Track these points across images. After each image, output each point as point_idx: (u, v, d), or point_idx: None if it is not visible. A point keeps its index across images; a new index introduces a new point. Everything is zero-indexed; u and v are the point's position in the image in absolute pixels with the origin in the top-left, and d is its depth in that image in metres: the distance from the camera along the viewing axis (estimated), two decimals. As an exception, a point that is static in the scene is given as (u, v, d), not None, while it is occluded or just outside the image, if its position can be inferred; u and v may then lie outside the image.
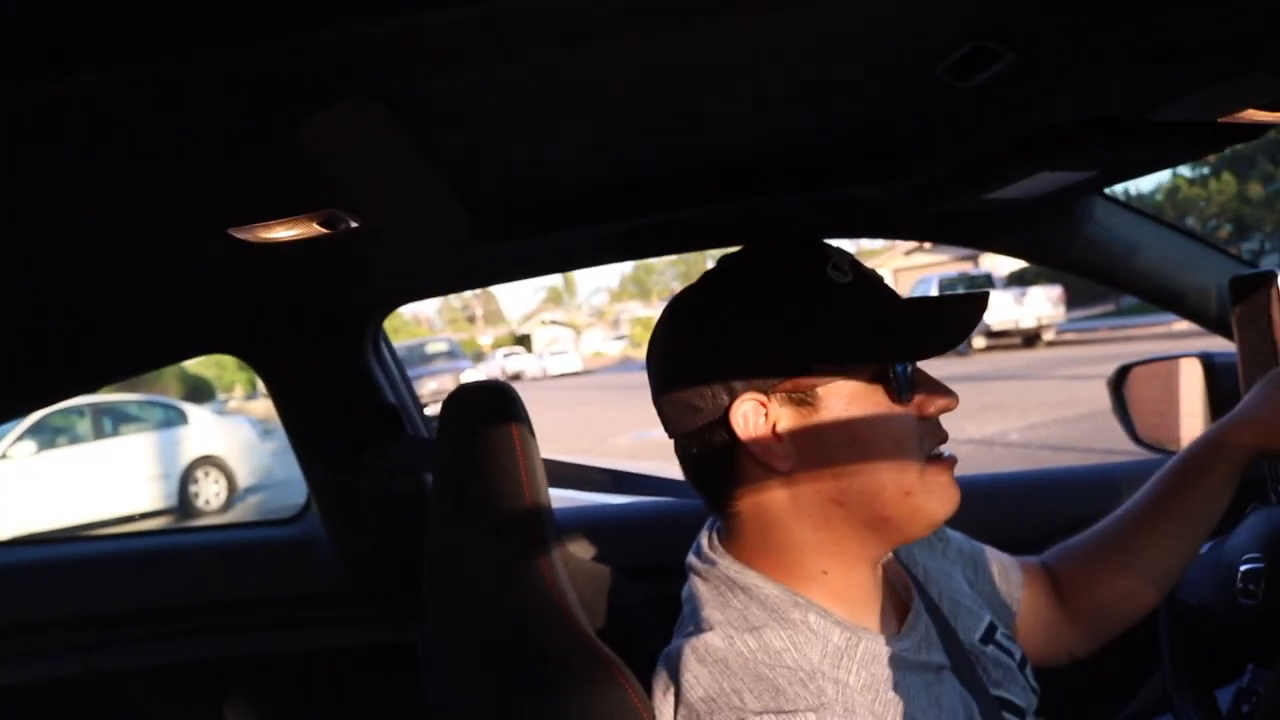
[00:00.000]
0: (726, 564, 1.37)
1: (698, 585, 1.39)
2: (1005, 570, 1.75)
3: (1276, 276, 1.81)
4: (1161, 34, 1.11)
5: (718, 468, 1.36)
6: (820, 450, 1.29)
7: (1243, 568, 1.67)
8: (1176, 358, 2.26)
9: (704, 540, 1.44)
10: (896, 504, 1.29)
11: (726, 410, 1.31)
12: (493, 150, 1.42)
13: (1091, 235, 2.10)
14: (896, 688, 1.29)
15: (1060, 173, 1.65)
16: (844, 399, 1.28)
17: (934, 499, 1.30)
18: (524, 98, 1.19)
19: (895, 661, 1.32)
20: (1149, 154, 1.60)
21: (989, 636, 1.55)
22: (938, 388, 1.31)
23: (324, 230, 1.41)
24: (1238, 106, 1.32)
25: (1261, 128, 1.48)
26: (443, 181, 1.44)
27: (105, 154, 1.06)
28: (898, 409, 1.28)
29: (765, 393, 1.30)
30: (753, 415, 1.31)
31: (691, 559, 1.44)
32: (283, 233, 1.40)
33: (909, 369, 1.29)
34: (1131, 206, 2.18)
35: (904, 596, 1.48)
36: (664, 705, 1.30)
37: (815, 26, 1.08)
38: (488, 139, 1.35)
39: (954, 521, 1.52)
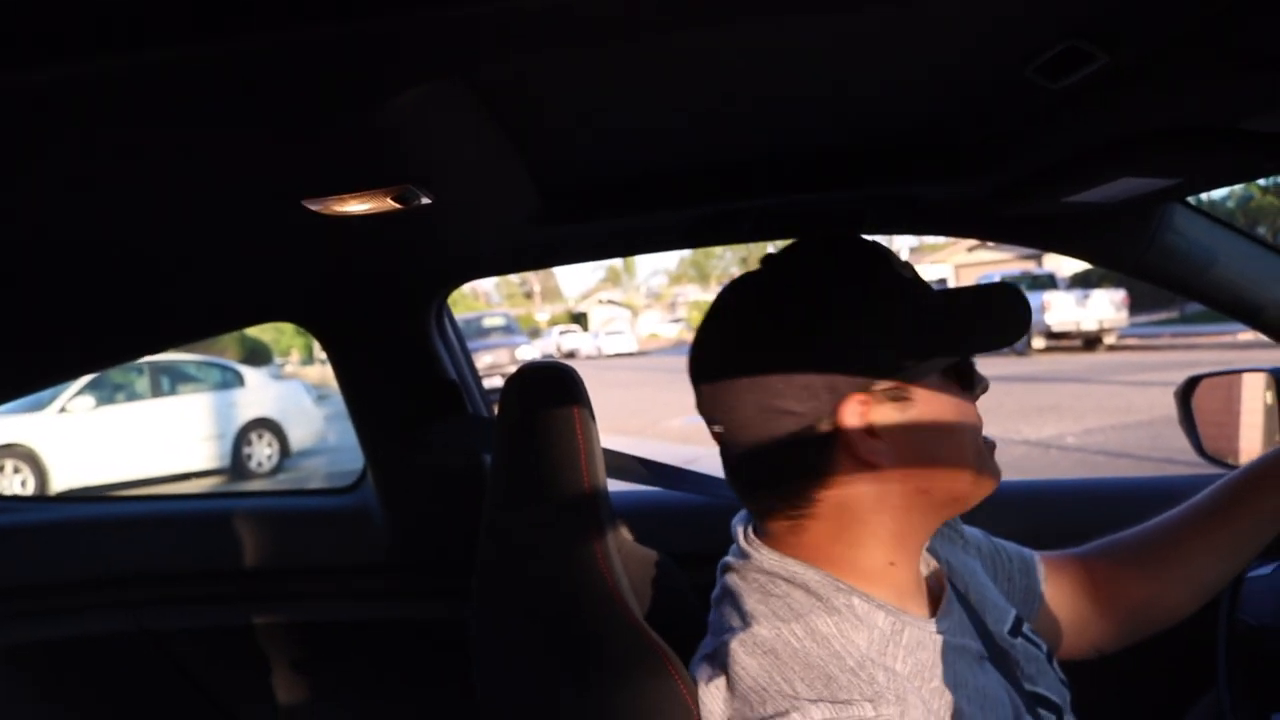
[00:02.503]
0: (764, 556, 1.37)
1: (734, 582, 1.39)
2: (1026, 565, 1.74)
3: None
4: (1259, 42, 1.08)
5: (803, 465, 1.34)
6: (914, 443, 1.31)
7: (1308, 591, 1.65)
8: (1249, 371, 2.21)
9: (740, 537, 1.44)
10: (969, 484, 1.36)
11: (831, 410, 1.30)
12: (570, 133, 1.41)
13: (1169, 243, 2.06)
14: (944, 675, 1.29)
15: (1143, 179, 1.61)
16: (932, 393, 1.32)
17: (990, 476, 1.38)
18: (605, 82, 1.19)
19: (939, 647, 1.31)
20: (1238, 164, 1.57)
21: (1016, 629, 1.53)
22: (979, 376, 1.40)
23: (397, 206, 1.41)
24: (1340, 116, 1.29)
25: (1355, 141, 1.44)
26: (519, 162, 1.44)
27: (191, 125, 1.06)
28: (969, 396, 1.37)
29: (866, 391, 1.30)
30: (857, 414, 1.30)
31: (728, 558, 1.45)
32: (356, 206, 1.40)
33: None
34: (1211, 215, 2.13)
35: (934, 585, 1.46)
36: (713, 699, 1.29)
37: (905, 16, 1.06)
38: (566, 122, 1.35)
39: (1007, 527, 1.52)
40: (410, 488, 2.63)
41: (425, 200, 1.42)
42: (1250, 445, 2.17)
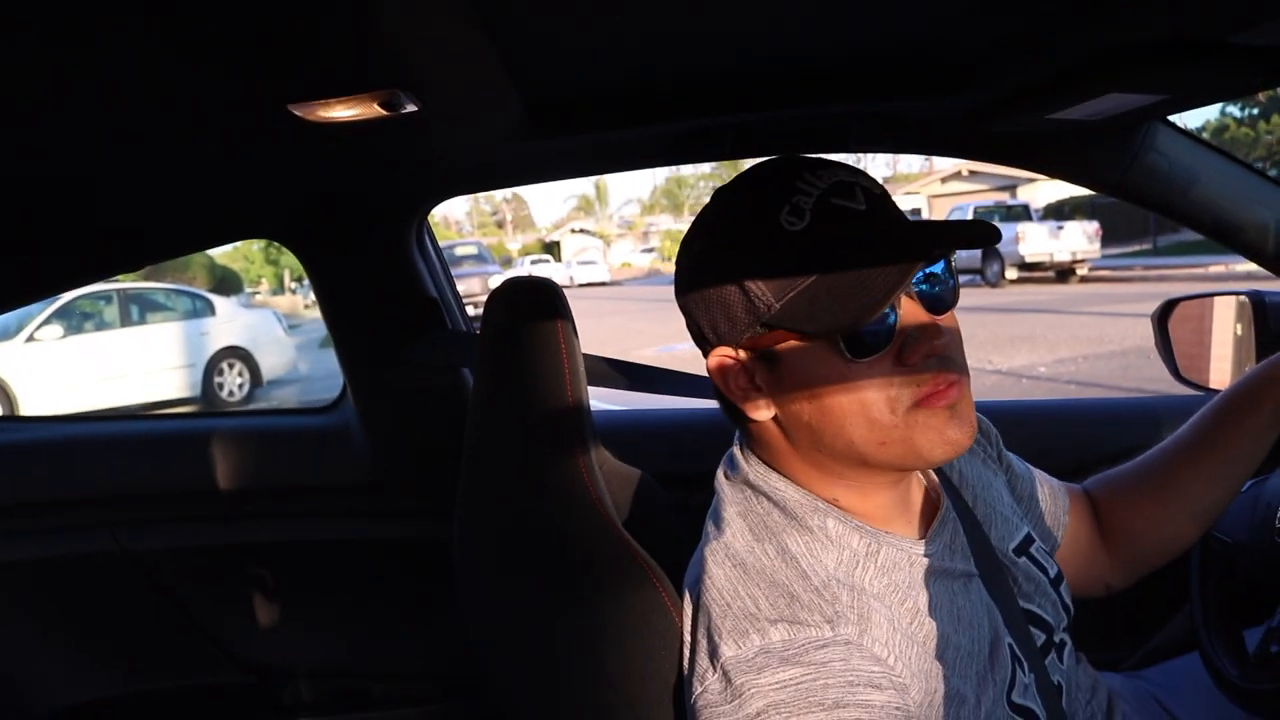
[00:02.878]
0: (752, 469, 1.37)
1: (724, 489, 1.40)
2: (1054, 495, 1.75)
3: None
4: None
5: (722, 394, 1.37)
6: (792, 405, 1.28)
7: (1283, 508, 1.66)
8: (1226, 295, 2.22)
9: (735, 447, 1.44)
10: (876, 453, 1.25)
11: (716, 351, 1.33)
12: (555, 43, 1.39)
13: (1151, 163, 2.05)
14: (917, 595, 1.30)
15: (1130, 95, 1.60)
16: (802, 357, 1.25)
17: (924, 438, 1.24)
18: None
19: (917, 568, 1.32)
20: (1227, 79, 1.56)
21: (1023, 548, 1.54)
22: (919, 332, 1.22)
23: (383, 112, 1.39)
24: (1328, 33, 1.28)
25: (1344, 59, 1.43)
26: (504, 72, 1.42)
27: (171, 24, 1.04)
28: (858, 365, 1.22)
29: (734, 346, 1.30)
30: (727, 367, 1.32)
31: (722, 465, 1.45)
32: (342, 112, 1.38)
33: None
34: (1192, 135, 2.13)
35: (934, 499, 1.46)
36: (687, 604, 1.33)
37: None
38: (552, 27, 1.33)
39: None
40: (390, 406, 2.62)
41: (411, 108, 1.40)
42: (1220, 369, 2.19)
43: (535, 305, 1.68)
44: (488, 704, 2.50)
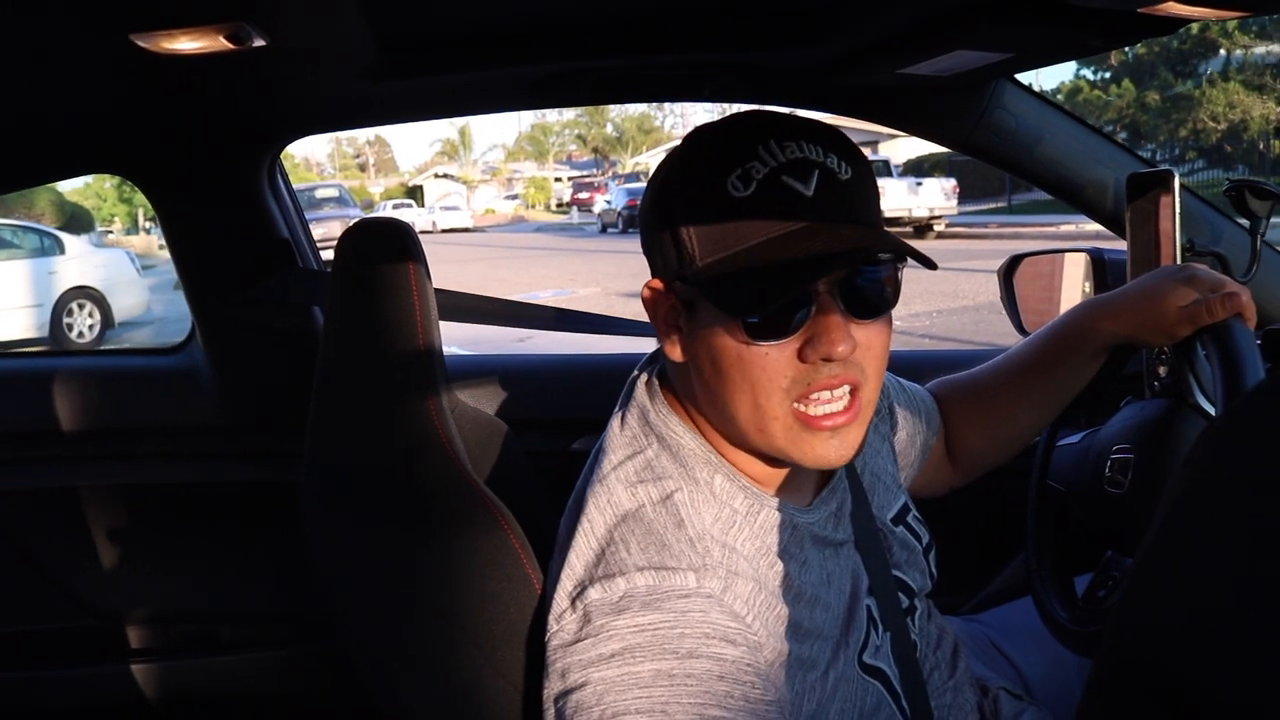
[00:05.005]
0: (655, 408, 1.37)
1: (615, 428, 1.39)
2: (930, 416, 1.83)
3: (1174, 176, 1.82)
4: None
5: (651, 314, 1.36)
6: (698, 358, 1.28)
7: (1112, 457, 1.72)
8: (1069, 251, 2.28)
9: (641, 379, 1.42)
10: (755, 437, 1.27)
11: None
12: None
13: (998, 120, 2.10)
14: (789, 559, 1.32)
15: (976, 52, 1.64)
16: (713, 318, 1.24)
17: (797, 450, 1.25)
18: None
19: (795, 532, 1.34)
20: (1066, 40, 1.60)
21: (900, 517, 1.59)
22: (828, 331, 1.19)
23: (230, 45, 1.35)
24: (1159, -2, 1.32)
25: (1178, 22, 1.48)
26: (356, 8, 1.39)
27: None
28: (760, 346, 1.21)
29: (664, 283, 1.30)
30: (656, 299, 1.32)
31: (623, 392, 1.43)
32: (187, 44, 1.34)
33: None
34: (1039, 95, 2.18)
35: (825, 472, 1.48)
36: (561, 551, 1.32)
37: None
38: None
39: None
40: (240, 346, 2.58)
41: (259, 42, 1.37)
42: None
43: (387, 246, 1.66)
44: (338, 646, 2.48)
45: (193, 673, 2.79)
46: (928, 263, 1.26)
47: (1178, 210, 1.79)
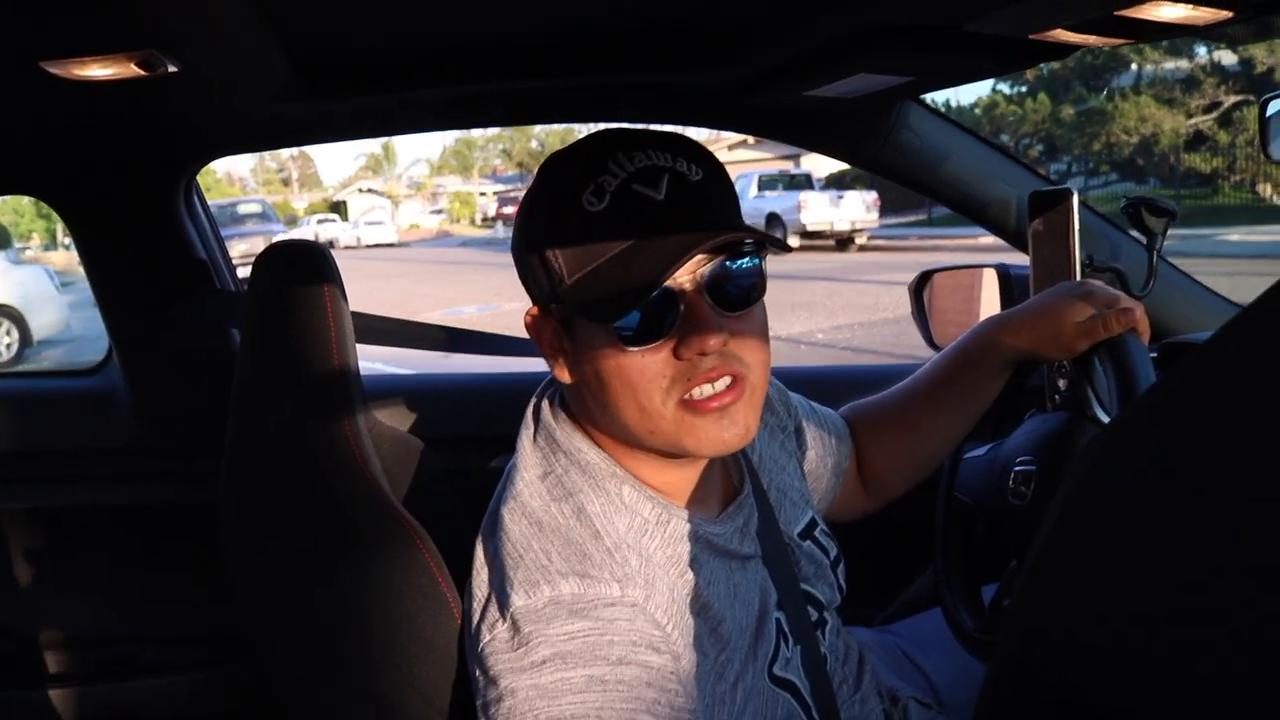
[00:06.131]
0: (559, 426, 1.39)
1: (525, 447, 1.41)
2: (841, 438, 1.84)
3: (1073, 193, 1.87)
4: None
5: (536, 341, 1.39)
6: (584, 376, 1.32)
7: (1016, 469, 1.75)
8: (976, 267, 2.32)
9: (545, 401, 1.44)
10: (647, 438, 1.30)
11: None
12: (322, 2, 1.38)
13: (904, 140, 2.15)
14: (699, 571, 1.34)
15: (878, 76, 1.68)
16: (590, 333, 1.28)
17: (691, 438, 1.28)
18: None
19: (702, 543, 1.37)
20: (962, 64, 1.65)
21: (808, 532, 1.61)
22: (698, 328, 1.23)
23: (141, 72, 1.36)
24: (1048, 25, 1.37)
25: (1070, 48, 1.53)
26: (268, 32, 1.40)
27: None
28: (636, 352, 1.24)
29: (541, 307, 1.34)
30: (538, 325, 1.35)
31: (526, 416, 1.45)
32: (98, 71, 1.34)
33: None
34: (945, 116, 2.23)
35: (735, 481, 1.52)
36: (478, 560, 1.34)
37: None
38: None
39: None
40: (157, 368, 2.56)
41: (172, 68, 1.37)
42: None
43: (302, 269, 1.67)
44: (259, 665, 2.47)
45: (114, 696, 2.75)
46: (784, 247, 1.31)
47: (1076, 227, 1.84)
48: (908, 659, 1.96)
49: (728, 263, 1.26)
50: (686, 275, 1.23)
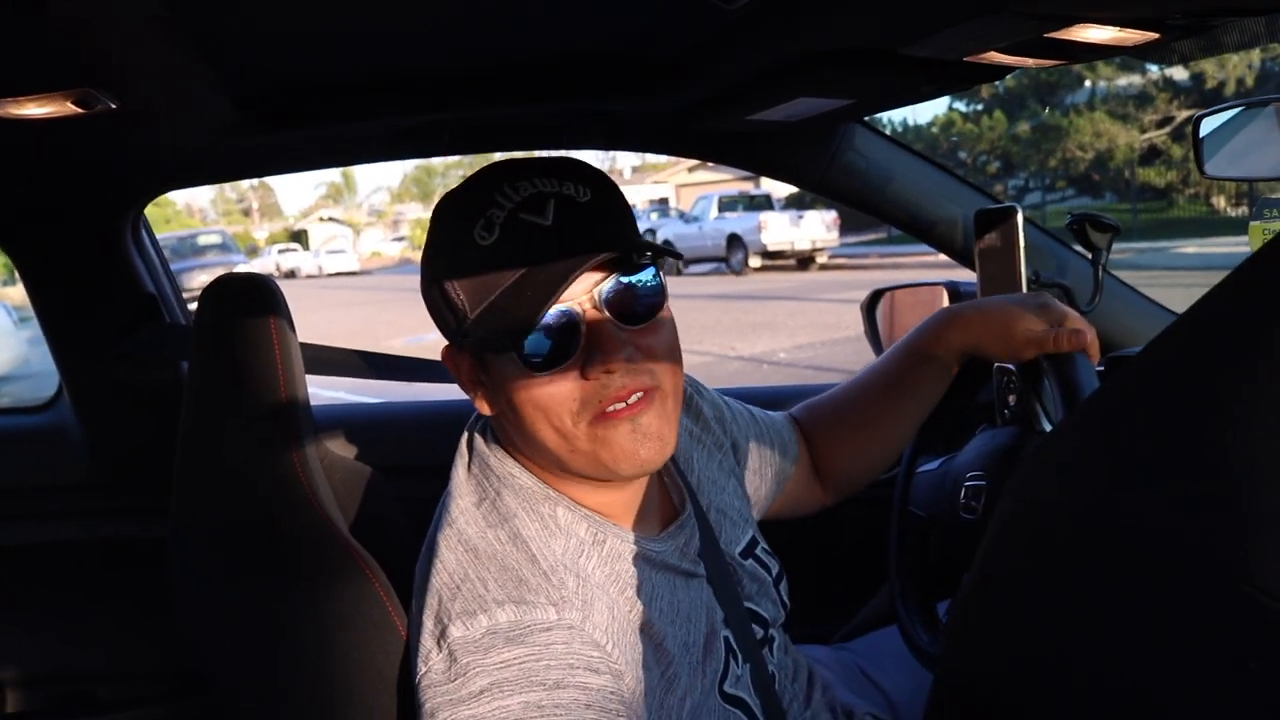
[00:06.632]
0: (492, 453, 1.40)
1: (459, 476, 1.41)
2: (785, 445, 1.84)
3: (1018, 210, 1.90)
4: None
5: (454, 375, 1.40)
6: (500, 405, 1.33)
7: (966, 484, 1.77)
8: (927, 285, 2.35)
9: (476, 434, 1.45)
10: (569, 460, 1.31)
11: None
12: (260, 37, 1.39)
13: (849, 162, 2.17)
14: (639, 587, 1.35)
15: (819, 99, 1.70)
16: (500, 364, 1.29)
17: (606, 452, 1.28)
18: None
19: (641, 561, 1.37)
20: (900, 87, 1.67)
21: (749, 551, 1.62)
22: (601, 346, 1.24)
23: (79, 110, 1.36)
24: (981, 48, 1.39)
25: (1004, 69, 1.55)
26: (206, 68, 1.41)
27: None
28: (544, 377, 1.26)
29: (454, 344, 1.36)
30: (454, 361, 1.37)
31: (460, 446, 1.46)
32: (35, 109, 1.35)
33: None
34: (889, 137, 2.26)
35: (676, 502, 1.53)
36: (417, 589, 1.34)
37: None
38: (254, 25, 1.32)
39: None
40: (107, 402, 2.55)
41: (110, 105, 1.37)
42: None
43: (247, 302, 1.67)
44: (213, 701, 2.46)
45: None
46: (675, 255, 1.34)
47: (1022, 244, 1.86)
48: (865, 676, 1.97)
49: (625, 278, 1.27)
50: (585, 295, 1.25)
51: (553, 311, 1.22)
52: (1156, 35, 1.31)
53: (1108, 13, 1.21)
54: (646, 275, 1.29)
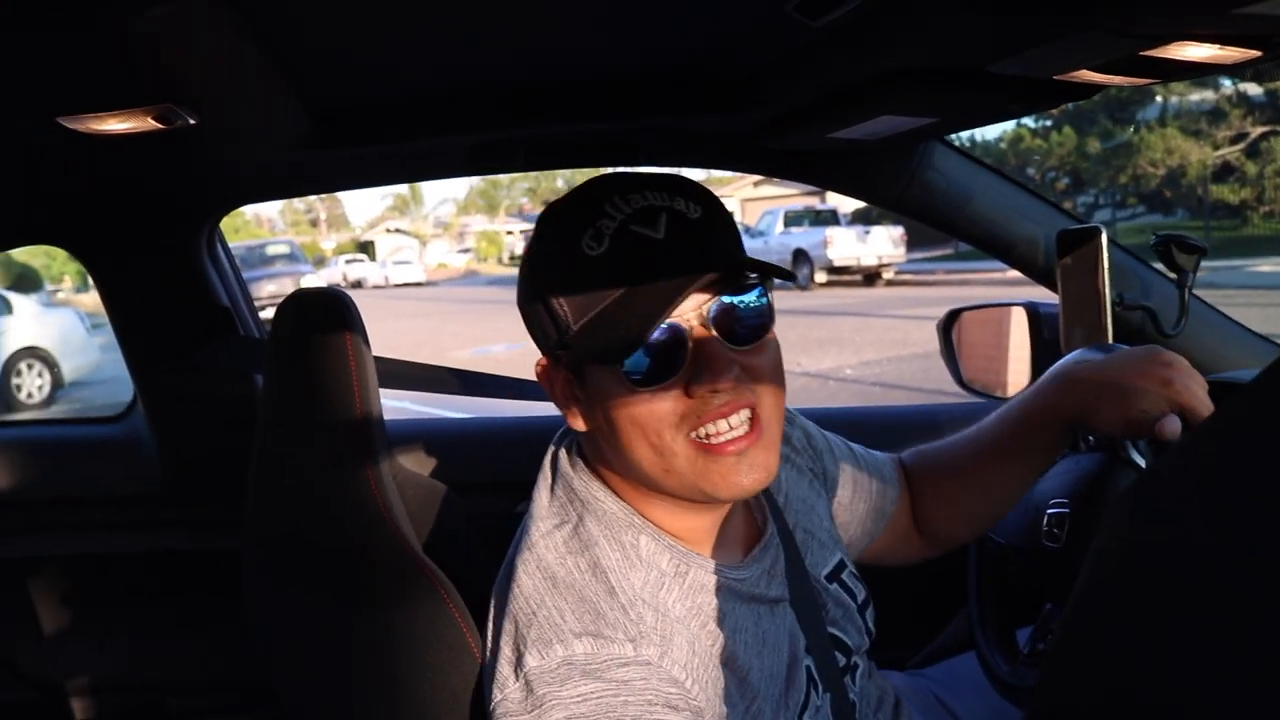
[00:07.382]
0: (577, 475, 1.38)
1: (541, 496, 1.39)
2: (885, 484, 1.78)
3: (1102, 231, 1.86)
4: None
5: (548, 390, 1.38)
6: (597, 421, 1.31)
7: (1049, 511, 1.73)
8: (1005, 305, 2.31)
9: (562, 449, 1.43)
10: (663, 479, 1.28)
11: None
12: (337, 54, 1.39)
13: (928, 180, 2.14)
14: (721, 619, 1.32)
15: (901, 117, 1.67)
16: (600, 377, 1.27)
17: (708, 482, 1.26)
18: (370, 2, 1.17)
19: (725, 592, 1.34)
20: (987, 105, 1.64)
21: (835, 574, 1.58)
22: (708, 365, 1.22)
23: (159, 125, 1.36)
24: (1073, 66, 1.35)
25: (1094, 88, 1.52)
26: (285, 84, 1.41)
27: None
28: (646, 393, 1.23)
29: (550, 357, 1.33)
30: (550, 375, 1.35)
31: (544, 466, 1.43)
32: (115, 125, 1.35)
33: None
34: (969, 155, 2.22)
35: (759, 521, 1.49)
36: (493, 611, 1.32)
37: None
38: (333, 42, 1.32)
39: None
40: (181, 414, 2.57)
41: (190, 121, 1.38)
42: (1018, 376, 2.25)
43: (324, 318, 1.66)
44: (283, 714, 2.47)
45: None
46: (789, 276, 1.29)
47: (1106, 266, 1.82)
48: (940, 703, 1.94)
49: (732, 297, 1.24)
50: (693, 313, 1.22)
51: (661, 327, 1.19)
52: (1259, 53, 1.27)
53: (1211, 30, 1.18)
54: (752, 296, 1.27)
